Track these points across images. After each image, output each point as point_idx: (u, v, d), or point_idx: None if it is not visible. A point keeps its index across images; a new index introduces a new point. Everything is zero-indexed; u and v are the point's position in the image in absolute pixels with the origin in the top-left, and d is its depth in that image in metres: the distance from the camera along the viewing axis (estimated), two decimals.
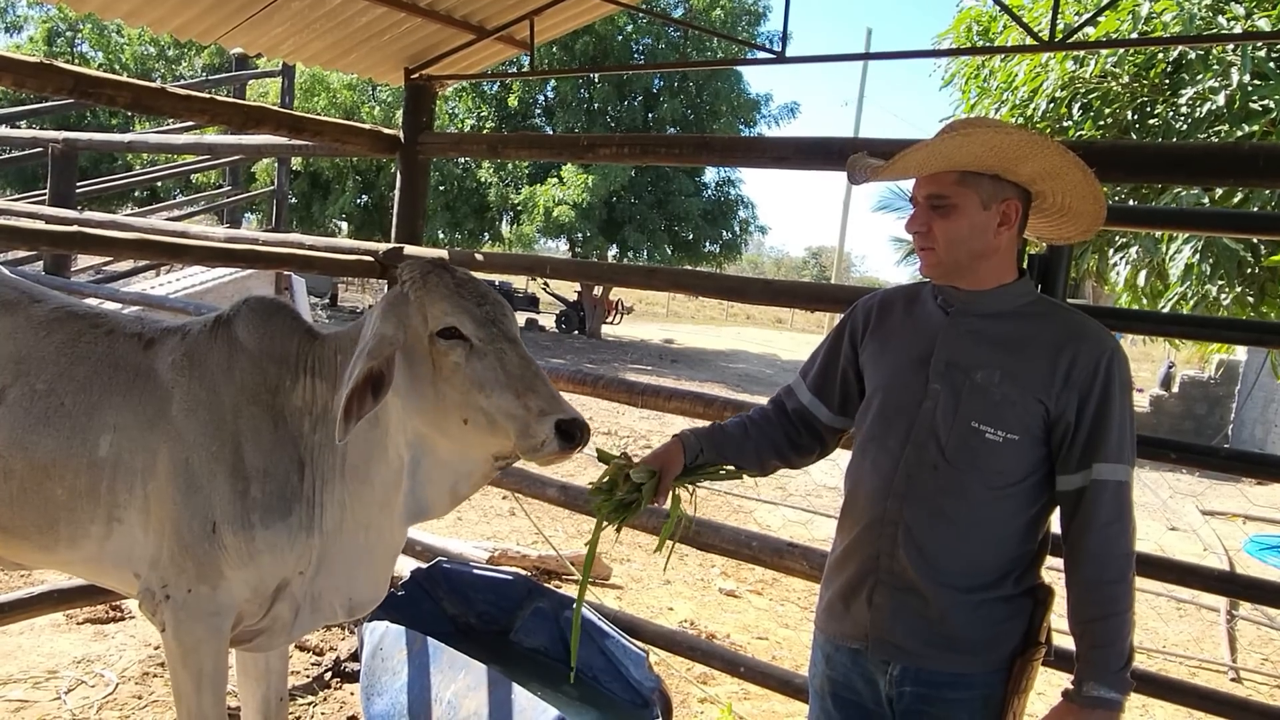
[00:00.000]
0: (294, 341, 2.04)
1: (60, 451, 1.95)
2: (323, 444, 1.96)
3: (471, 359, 1.77)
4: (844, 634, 1.73)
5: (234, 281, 9.16)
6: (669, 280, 3.16)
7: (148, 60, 24.75)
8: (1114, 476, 1.56)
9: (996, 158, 1.55)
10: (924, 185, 1.63)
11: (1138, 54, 4.74)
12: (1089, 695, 1.55)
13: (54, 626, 3.63)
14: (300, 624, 2.07)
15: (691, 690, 3.65)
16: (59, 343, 2.04)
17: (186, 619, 1.92)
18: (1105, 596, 1.56)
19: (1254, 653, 5.14)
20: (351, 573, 2.04)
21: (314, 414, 1.98)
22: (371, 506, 1.99)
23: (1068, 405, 1.57)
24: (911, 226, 1.66)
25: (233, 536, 1.90)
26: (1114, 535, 1.56)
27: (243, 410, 1.96)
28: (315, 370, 2.00)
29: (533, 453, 1.75)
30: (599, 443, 2.06)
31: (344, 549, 2.02)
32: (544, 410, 1.73)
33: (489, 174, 19.86)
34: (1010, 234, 1.63)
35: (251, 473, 1.92)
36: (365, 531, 2.02)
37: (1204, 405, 13.19)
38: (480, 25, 3.47)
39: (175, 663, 1.98)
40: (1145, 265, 5.08)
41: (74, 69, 2.70)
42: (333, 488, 1.97)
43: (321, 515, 1.97)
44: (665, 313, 35.91)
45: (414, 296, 1.82)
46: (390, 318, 1.81)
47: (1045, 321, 1.64)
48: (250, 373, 1.99)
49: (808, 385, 1.88)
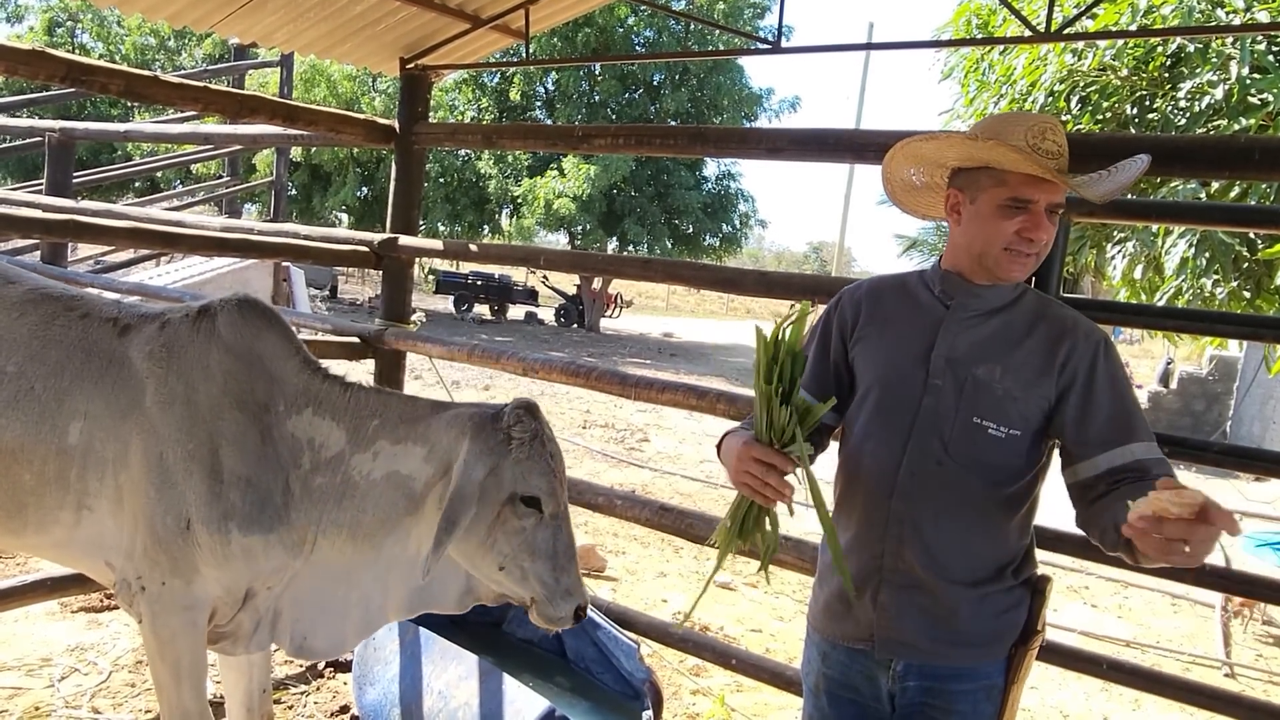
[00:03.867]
0: (290, 364, 2.00)
1: (28, 436, 1.92)
2: (325, 490, 1.93)
3: (537, 529, 1.86)
4: (846, 634, 1.70)
5: (233, 272, 9.16)
6: (664, 271, 3.14)
7: (148, 51, 24.72)
8: (1157, 454, 1.52)
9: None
10: (1045, 192, 1.52)
11: (1136, 47, 4.72)
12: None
13: (48, 615, 3.63)
14: (258, 639, 2.03)
15: (684, 682, 3.65)
16: (32, 325, 2.01)
17: (162, 611, 1.91)
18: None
19: (1247, 649, 5.15)
20: (317, 616, 2.02)
21: (316, 453, 1.95)
22: (368, 570, 1.98)
23: (1067, 394, 1.56)
24: (1038, 234, 1.53)
25: (208, 536, 1.89)
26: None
27: (224, 413, 1.92)
28: (322, 407, 1.97)
29: (543, 618, 1.88)
30: (600, 439, 2.00)
31: (320, 589, 2.00)
32: (569, 591, 1.87)
33: (489, 166, 19.83)
34: None
35: (230, 477, 1.89)
36: (349, 588, 2.00)
37: (1202, 402, 13.19)
38: (475, 14, 3.46)
39: (153, 655, 1.97)
40: (1142, 260, 5.07)
41: (66, 56, 2.69)
42: (330, 534, 1.95)
43: (310, 548, 1.96)
44: (665, 306, 35.89)
45: (516, 455, 1.84)
46: (485, 464, 1.82)
47: (1038, 315, 1.63)
48: (235, 378, 1.95)
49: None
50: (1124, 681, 2.37)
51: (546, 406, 10.50)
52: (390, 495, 1.92)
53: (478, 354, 3.37)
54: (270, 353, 1.99)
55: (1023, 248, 1.55)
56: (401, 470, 1.91)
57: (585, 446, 8.44)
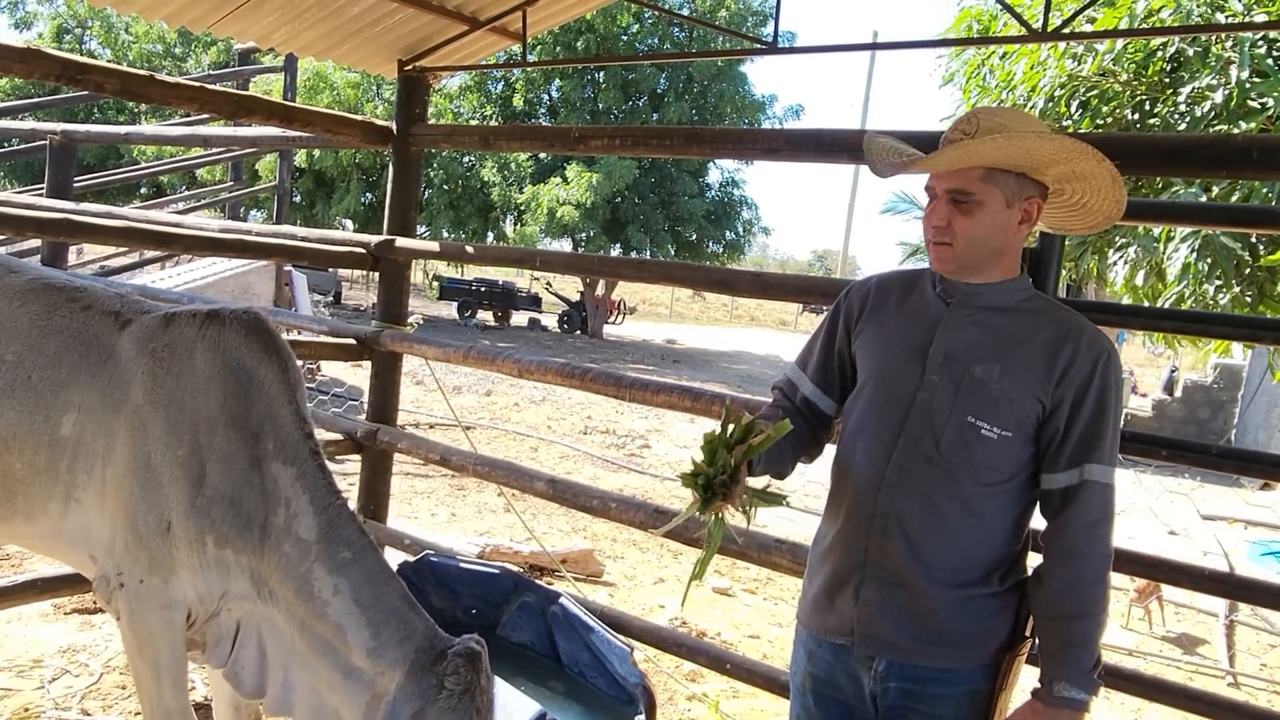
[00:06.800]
0: (285, 411, 1.94)
1: (22, 426, 1.92)
2: (289, 565, 1.89)
3: None
4: (829, 628, 1.70)
5: (235, 276, 9.16)
6: (659, 273, 3.13)
7: (154, 58, 24.85)
8: (1104, 479, 1.55)
9: (1030, 160, 1.53)
10: (946, 179, 1.57)
11: (1136, 52, 4.70)
12: (1060, 695, 1.53)
13: (41, 616, 3.62)
14: (217, 653, 2.00)
15: (679, 687, 3.62)
16: (33, 314, 2.00)
17: (140, 609, 1.90)
18: (1084, 596, 1.54)
19: (1251, 657, 5.10)
20: (258, 659, 1.98)
21: (290, 518, 1.91)
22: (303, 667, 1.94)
23: (1062, 403, 1.55)
24: (932, 220, 1.60)
25: (186, 543, 1.88)
26: (1098, 536, 1.55)
27: (218, 429, 1.89)
28: (306, 482, 1.93)
29: None
30: (600, 445, 1.99)
31: (271, 640, 1.96)
32: None
33: (493, 173, 19.87)
34: (1027, 230, 1.61)
35: (214, 493, 1.87)
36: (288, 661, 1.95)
37: (1207, 410, 13.14)
38: (473, 16, 3.46)
39: (133, 653, 1.95)
40: (1144, 265, 5.05)
41: (61, 54, 2.69)
42: (284, 612, 1.92)
43: (269, 594, 1.92)
44: (669, 313, 35.89)
45: (444, 704, 1.78)
46: (412, 706, 1.78)
47: (1043, 318, 1.61)
48: (234, 397, 1.92)
49: (809, 377, 1.83)
50: (1125, 689, 2.34)
51: (547, 412, 10.51)
52: (330, 650, 1.87)
53: (473, 356, 3.36)
54: (269, 386, 1.96)
55: (932, 236, 1.61)
56: (345, 642, 1.86)
57: (585, 452, 8.42)
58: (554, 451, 8.34)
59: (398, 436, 3.62)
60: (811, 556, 1.80)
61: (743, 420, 1.57)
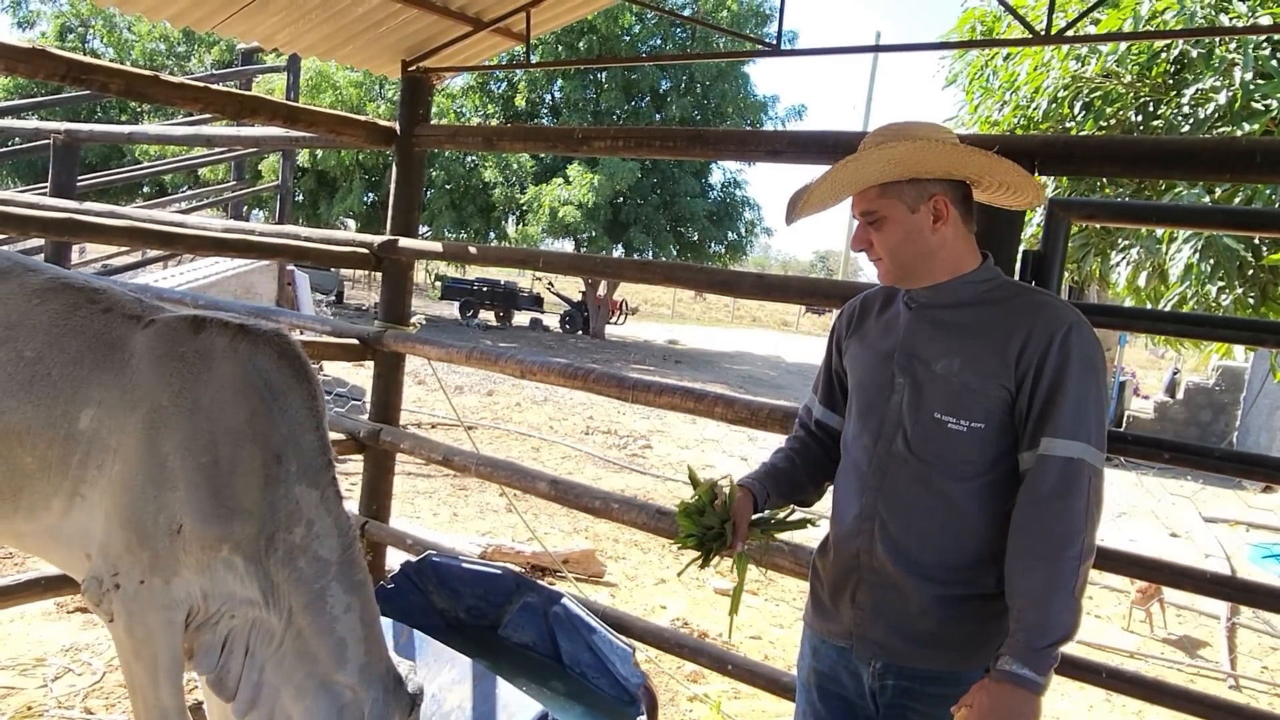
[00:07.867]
0: (309, 437, 2.00)
1: (39, 419, 1.93)
2: (303, 580, 1.97)
3: None
4: (831, 632, 1.74)
5: (237, 276, 9.18)
6: (661, 273, 3.13)
7: (157, 57, 24.87)
8: (1063, 452, 1.48)
9: (899, 168, 1.58)
10: (855, 204, 1.67)
11: (1140, 53, 4.70)
12: (1003, 669, 1.44)
13: (44, 615, 3.63)
14: (206, 660, 2.01)
15: (680, 688, 3.62)
16: (53, 312, 2.02)
17: (139, 610, 1.89)
18: (1031, 571, 1.48)
19: (1253, 660, 5.10)
20: (248, 668, 2.01)
21: (310, 537, 1.98)
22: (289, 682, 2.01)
23: (1023, 384, 1.54)
24: (855, 246, 1.71)
25: (199, 547, 1.89)
26: (1053, 511, 1.47)
27: (244, 443, 1.93)
28: (329, 507, 2.01)
29: None
30: (602, 445, 2.02)
31: (261, 646, 2.00)
32: None
33: (495, 174, 19.89)
34: (951, 227, 1.62)
35: (235, 505, 1.90)
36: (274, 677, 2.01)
37: (1209, 412, 13.12)
38: (477, 17, 3.46)
39: (128, 655, 1.94)
40: (1147, 267, 5.04)
41: (65, 54, 2.70)
42: (288, 624, 2.00)
43: (274, 603, 1.98)
44: (670, 314, 35.89)
45: None
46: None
47: (1004, 306, 1.61)
48: (261, 416, 1.96)
49: (819, 400, 1.91)
50: (1126, 691, 2.34)
51: (549, 412, 10.51)
52: (314, 661, 1.97)
53: (476, 356, 3.36)
54: (296, 411, 2.01)
55: (867, 256, 1.69)
56: (342, 656, 1.98)
57: (587, 453, 8.43)
58: (556, 452, 8.34)
59: (400, 436, 3.62)
60: (815, 559, 1.83)
61: (702, 485, 1.80)
